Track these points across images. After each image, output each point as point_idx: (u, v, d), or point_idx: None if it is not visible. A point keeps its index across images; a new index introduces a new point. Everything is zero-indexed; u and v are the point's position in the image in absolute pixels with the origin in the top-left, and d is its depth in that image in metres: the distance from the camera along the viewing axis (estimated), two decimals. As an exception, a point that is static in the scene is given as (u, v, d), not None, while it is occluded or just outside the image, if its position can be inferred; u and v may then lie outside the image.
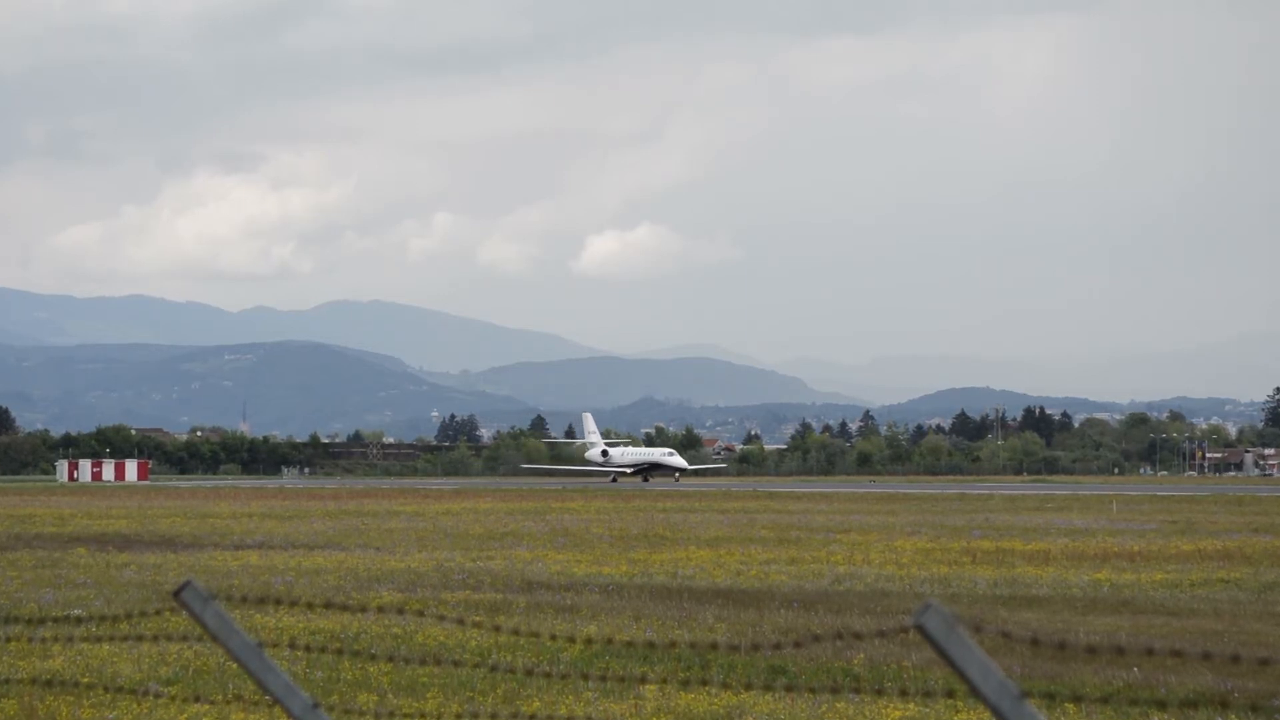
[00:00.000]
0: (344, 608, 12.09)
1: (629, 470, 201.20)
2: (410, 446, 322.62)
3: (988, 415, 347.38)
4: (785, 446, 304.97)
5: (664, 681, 12.22)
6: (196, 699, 22.26)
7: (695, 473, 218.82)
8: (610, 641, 11.75)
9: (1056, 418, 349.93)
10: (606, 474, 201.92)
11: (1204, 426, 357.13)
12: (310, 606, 23.49)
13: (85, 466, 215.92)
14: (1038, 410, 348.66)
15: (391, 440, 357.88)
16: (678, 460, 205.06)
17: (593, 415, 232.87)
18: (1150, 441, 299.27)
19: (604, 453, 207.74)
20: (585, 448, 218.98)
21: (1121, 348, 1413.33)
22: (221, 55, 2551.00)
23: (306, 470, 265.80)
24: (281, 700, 9.92)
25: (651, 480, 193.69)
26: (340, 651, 19.34)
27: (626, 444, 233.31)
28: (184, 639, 25.69)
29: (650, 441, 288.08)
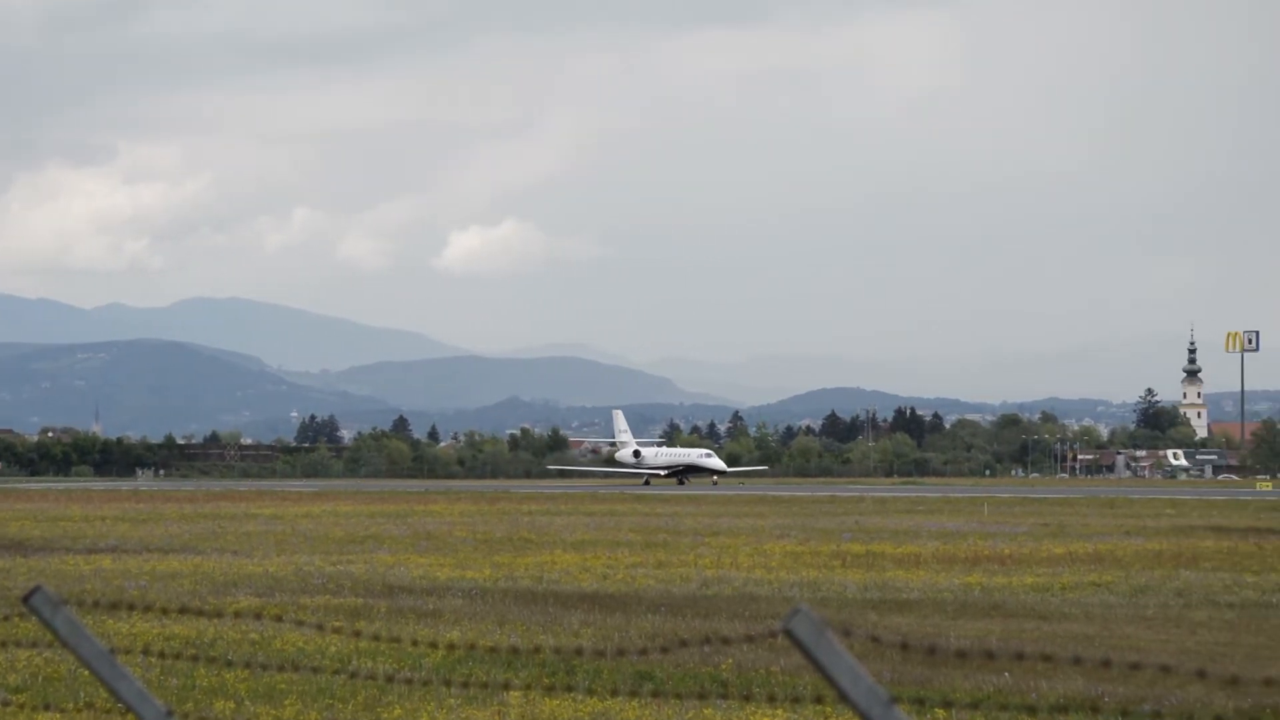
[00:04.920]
0: (200, 613, 11.55)
1: (663, 472, 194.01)
2: (269, 448, 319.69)
3: (859, 416, 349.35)
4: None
5: (528, 688, 11.75)
6: (46, 707, 21.72)
7: (735, 475, 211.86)
8: (473, 647, 11.28)
9: (928, 419, 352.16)
10: (638, 476, 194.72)
11: (1076, 428, 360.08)
12: (165, 612, 22.86)
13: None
14: (909, 411, 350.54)
15: (249, 441, 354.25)
16: (716, 462, 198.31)
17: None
18: (1022, 443, 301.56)
19: (636, 454, 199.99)
20: (616, 447, 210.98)
21: (993, 349, 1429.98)
22: (71, 43, 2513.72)
23: (161, 472, 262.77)
24: (134, 708, 9.69)
25: (689, 483, 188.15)
26: (195, 658, 18.82)
27: (662, 443, 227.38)
28: (34, 645, 24.93)
29: (514, 443, 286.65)
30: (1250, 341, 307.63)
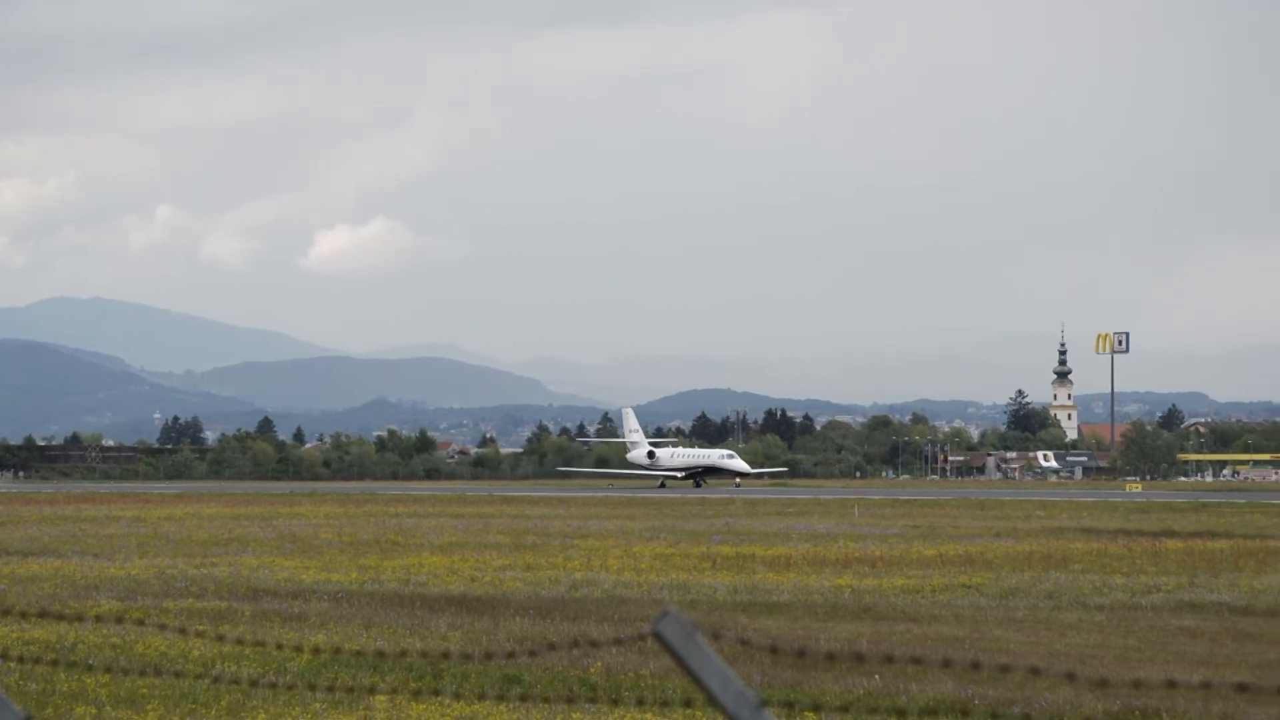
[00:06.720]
0: (60, 617, 11.27)
1: (679, 474, 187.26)
2: (131, 449, 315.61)
3: (729, 417, 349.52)
4: (521, 449, 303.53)
5: (395, 692, 11.48)
6: (-105, 716, 20.99)
7: (756, 476, 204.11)
8: (339, 651, 11.03)
9: (798, 420, 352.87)
10: (653, 478, 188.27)
11: (946, 429, 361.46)
12: (24, 616, 22.50)
13: None
14: (779, 412, 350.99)
15: (111, 443, 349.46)
16: (738, 464, 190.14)
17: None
18: (893, 444, 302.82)
19: (650, 454, 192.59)
20: (626, 448, 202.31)
21: (864, 351, 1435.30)
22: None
23: (21, 474, 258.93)
24: (-9, 714, 9.33)
25: (706, 485, 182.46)
26: (55, 662, 18.42)
27: (675, 442, 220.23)
28: (-117, 651, 24.32)
29: (382, 445, 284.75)
30: (1120, 343, 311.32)
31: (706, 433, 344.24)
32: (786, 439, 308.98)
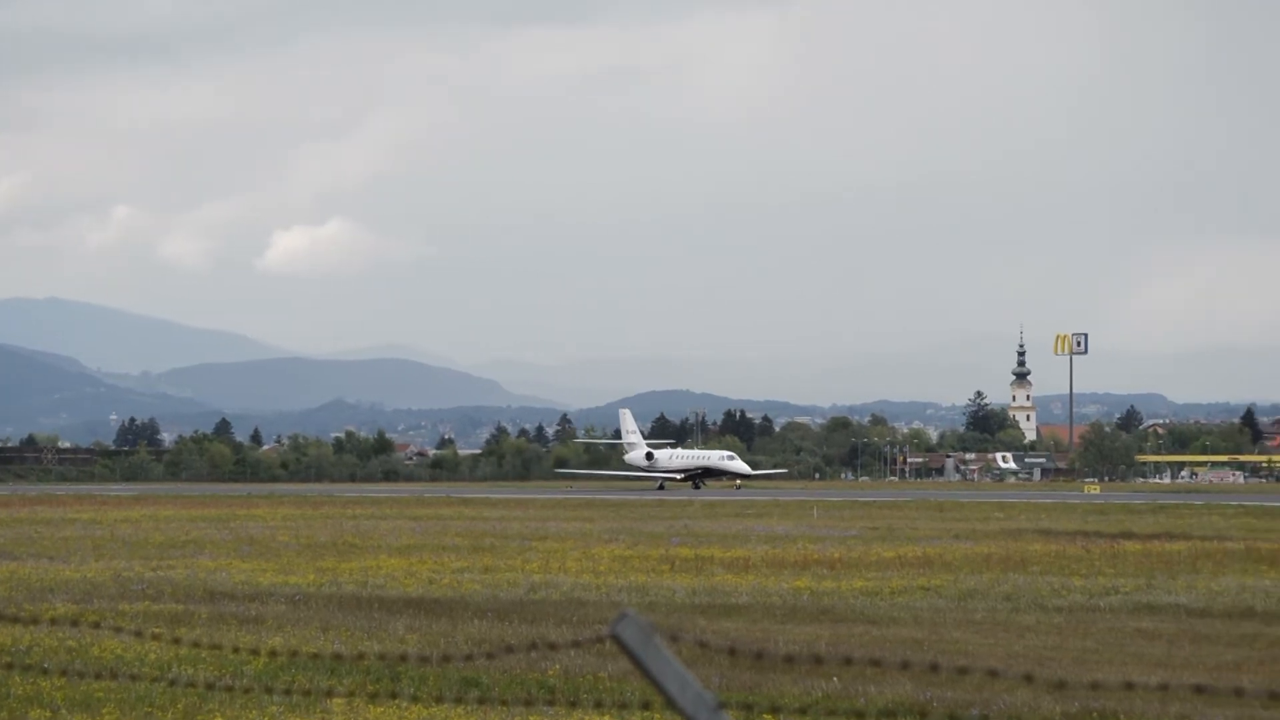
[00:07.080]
0: (15, 620, 11.17)
1: (678, 476, 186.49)
2: (87, 451, 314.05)
3: (688, 419, 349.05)
4: (480, 451, 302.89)
5: (352, 695, 11.43)
6: None
7: (759, 478, 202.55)
8: (296, 653, 10.97)
9: (757, 421, 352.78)
10: (652, 480, 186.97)
11: (905, 431, 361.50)
12: (-23, 618, 22.46)
13: None
14: (739, 414, 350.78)
15: (67, 444, 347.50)
16: (738, 465, 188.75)
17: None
18: (852, 446, 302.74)
19: (649, 456, 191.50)
20: (624, 450, 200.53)
21: (823, 352, 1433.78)
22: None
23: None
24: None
25: (705, 486, 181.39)
26: (10, 666, 18.31)
27: (673, 444, 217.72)
28: None
29: (339, 446, 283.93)
30: (1079, 344, 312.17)
31: (665, 434, 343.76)
32: (745, 440, 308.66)
